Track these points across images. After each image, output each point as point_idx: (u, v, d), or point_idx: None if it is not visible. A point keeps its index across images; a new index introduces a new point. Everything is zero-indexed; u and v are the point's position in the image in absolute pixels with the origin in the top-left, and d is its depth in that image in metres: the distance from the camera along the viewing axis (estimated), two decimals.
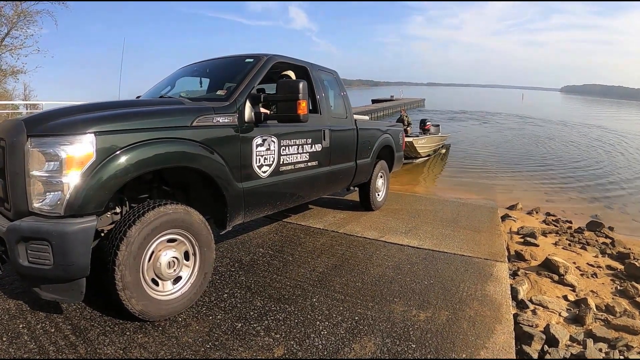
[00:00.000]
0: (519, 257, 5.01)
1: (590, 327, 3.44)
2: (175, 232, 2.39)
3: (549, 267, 4.62)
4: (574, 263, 5.05)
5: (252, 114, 2.92)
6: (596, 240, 6.21)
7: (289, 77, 3.79)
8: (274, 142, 3.14)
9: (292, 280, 3.13)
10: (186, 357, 2.11)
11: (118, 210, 2.48)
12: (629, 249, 5.78)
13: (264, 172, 3.07)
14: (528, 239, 5.73)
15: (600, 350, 3.09)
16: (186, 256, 2.50)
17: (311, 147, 3.66)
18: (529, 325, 3.21)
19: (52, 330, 2.27)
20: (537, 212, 7.73)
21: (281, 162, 3.25)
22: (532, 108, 52.03)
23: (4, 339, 2.17)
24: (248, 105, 2.92)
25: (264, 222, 4.65)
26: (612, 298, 4.19)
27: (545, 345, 3.00)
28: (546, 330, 3.16)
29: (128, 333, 2.29)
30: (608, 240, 6.23)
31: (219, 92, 3.20)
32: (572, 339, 3.18)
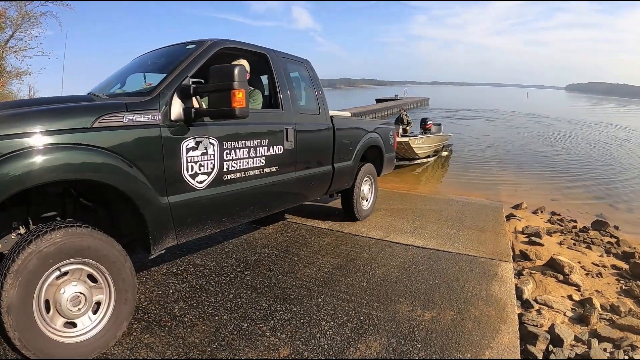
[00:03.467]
0: (524, 256, 5.00)
1: (595, 327, 3.43)
2: (76, 261, 1.95)
3: (553, 266, 4.61)
4: (579, 262, 5.04)
5: (181, 110, 2.39)
6: (601, 240, 6.18)
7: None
8: (213, 145, 2.59)
9: (298, 281, 3.14)
10: (193, 357, 2.13)
11: (22, 230, 2.13)
12: (634, 248, 5.76)
13: (200, 182, 2.53)
14: (533, 238, 5.72)
15: (605, 350, 3.09)
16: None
17: (268, 150, 3.10)
18: (533, 325, 3.21)
19: None
20: (542, 212, 7.71)
21: (225, 169, 2.70)
22: (540, 107, 51.47)
23: None
24: (176, 99, 2.39)
25: (268, 222, 4.67)
26: (617, 298, 4.18)
27: (550, 345, 3.00)
28: (551, 330, 3.16)
29: (135, 333, 2.32)
30: (613, 240, 6.21)
31: (144, 86, 2.73)
32: (576, 338, 3.18)
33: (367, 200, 5.10)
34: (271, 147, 3.13)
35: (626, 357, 3.05)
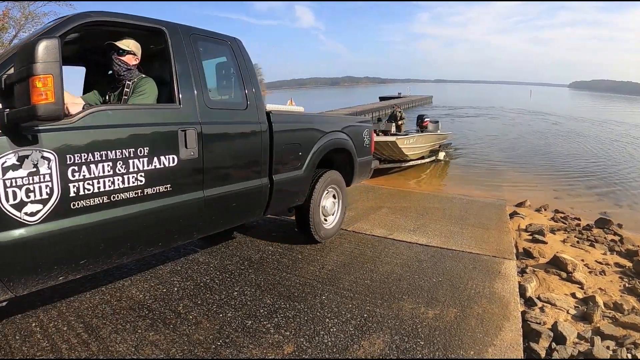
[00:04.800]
0: (527, 254, 4.99)
1: (598, 325, 3.43)
2: None
3: (557, 264, 4.60)
4: (582, 260, 5.03)
5: None
6: (604, 238, 6.16)
7: (119, 48, 2.52)
8: (49, 161, 1.82)
9: (302, 278, 3.16)
10: (197, 355, 2.15)
11: None
12: (638, 246, 5.73)
13: (31, 213, 1.78)
14: (536, 236, 5.70)
15: (608, 348, 3.08)
16: None
17: (151, 162, 2.21)
18: (536, 323, 3.21)
19: (65, 329, 2.32)
20: (545, 210, 7.69)
21: (73, 194, 1.91)
22: (545, 105, 50.82)
23: (17, 337, 2.22)
24: None
25: (272, 221, 4.68)
26: (620, 296, 4.17)
27: (553, 343, 3.00)
28: (554, 327, 3.16)
29: (140, 331, 2.34)
30: (616, 238, 6.19)
31: None
32: (579, 336, 3.18)
33: (329, 217, 4.06)
34: (155, 158, 2.23)
35: (629, 355, 3.05)
